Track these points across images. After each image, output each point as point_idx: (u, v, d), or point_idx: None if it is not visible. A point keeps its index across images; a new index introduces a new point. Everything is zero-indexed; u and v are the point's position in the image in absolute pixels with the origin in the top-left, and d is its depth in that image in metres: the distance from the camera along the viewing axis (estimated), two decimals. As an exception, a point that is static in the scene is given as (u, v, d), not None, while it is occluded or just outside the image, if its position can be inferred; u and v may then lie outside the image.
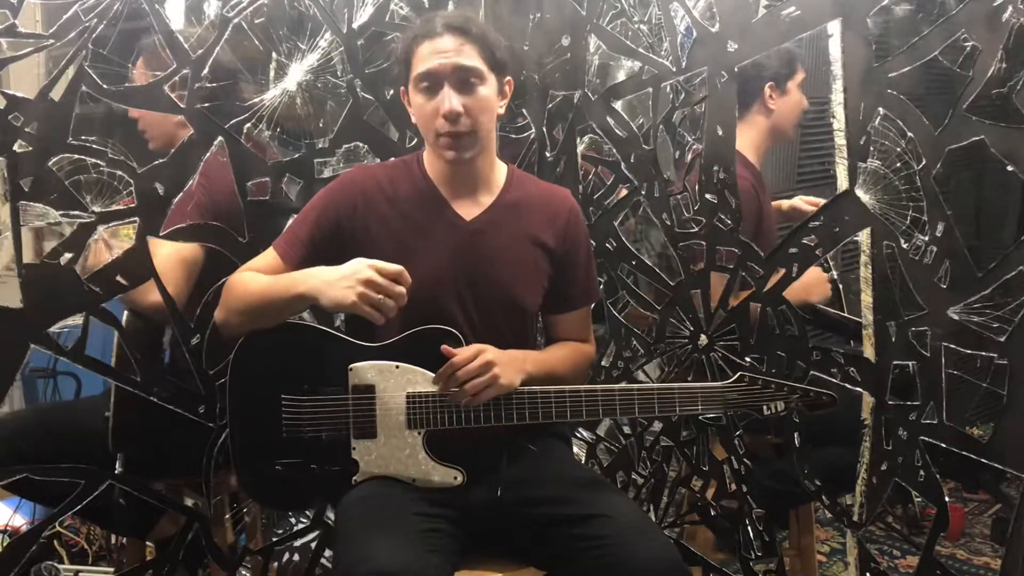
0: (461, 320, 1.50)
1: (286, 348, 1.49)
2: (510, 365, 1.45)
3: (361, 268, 1.36)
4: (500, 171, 1.60)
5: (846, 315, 1.78)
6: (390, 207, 1.53)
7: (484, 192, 1.57)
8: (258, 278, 1.50)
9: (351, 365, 1.46)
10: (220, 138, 1.68)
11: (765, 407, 1.48)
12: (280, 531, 1.99)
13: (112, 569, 2.33)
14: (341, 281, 1.37)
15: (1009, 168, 1.36)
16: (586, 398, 1.46)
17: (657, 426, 1.93)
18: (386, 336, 1.49)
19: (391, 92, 1.82)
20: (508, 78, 1.54)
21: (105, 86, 1.57)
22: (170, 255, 1.67)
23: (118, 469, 1.73)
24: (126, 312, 1.72)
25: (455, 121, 1.45)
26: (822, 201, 1.65)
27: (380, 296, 1.35)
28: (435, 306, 1.49)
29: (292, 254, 1.52)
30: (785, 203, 2.05)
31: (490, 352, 1.43)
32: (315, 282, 1.40)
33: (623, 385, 1.47)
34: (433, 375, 1.45)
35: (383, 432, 1.47)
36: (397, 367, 1.46)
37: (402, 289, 1.37)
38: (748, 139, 1.97)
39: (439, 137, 1.47)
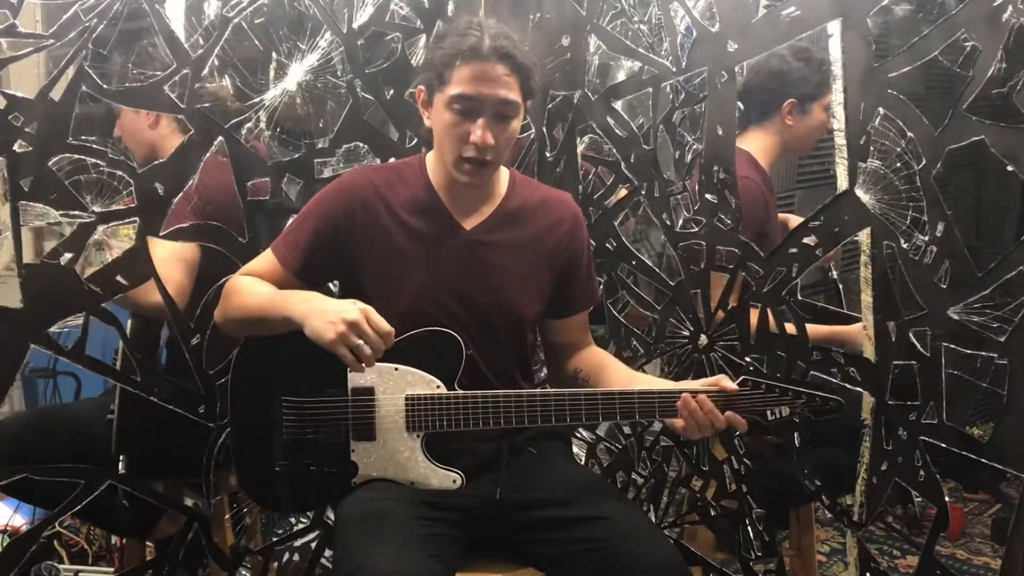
0: (459, 328, 1.49)
1: (287, 350, 1.49)
2: None
3: (352, 309, 1.34)
4: (502, 177, 1.58)
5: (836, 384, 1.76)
6: (389, 213, 1.52)
7: (486, 200, 1.56)
8: (259, 289, 1.50)
9: None
10: (220, 138, 1.68)
11: (769, 412, 1.45)
12: (280, 531, 1.99)
13: (112, 569, 2.34)
14: (328, 315, 1.35)
15: (1009, 168, 1.36)
16: (585, 402, 1.44)
17: (657, 426, 1.93)
18: None
19: (391, 92, 1.82)
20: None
21: (105, 86, 1.57)
22: (168, 255, 1.67)
23: (121, 470, 1.73)
24: (130, 320, 1.72)
25: (484, 152, 1.43)
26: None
27: (359, 341, 1.33)
28: (434, 314, 1.49)
29: (292, 260, 1.52)
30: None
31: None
32: (305, 308, 1.39)
33: (623, 388, 1.46)
34: (432, 377, 1.45)
35: (382, 434, 1.47)
36: (396, 369, 1.46)
37: (382, 344, 1.35)
38: (760, 145, 1.96)
39: (462, 160, 1.45)
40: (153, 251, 1.65)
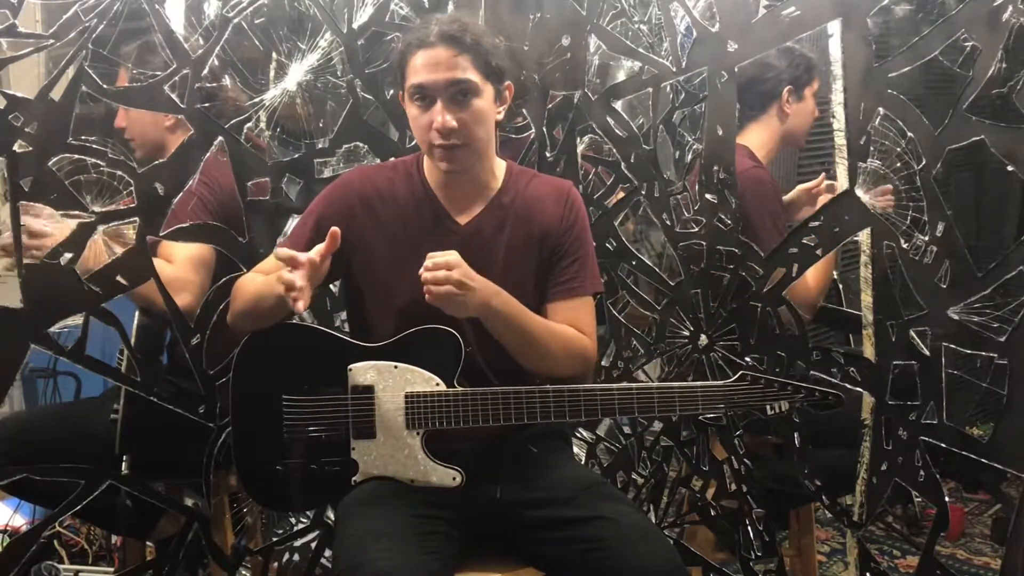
0: (458, 325, 1.48)
1: (287, 349, 1.49)
2: (480, 283, 1.40)
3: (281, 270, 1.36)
4: (499, 171, 1.58)
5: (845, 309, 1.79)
6: (387, 212, 1.53)
7: (480, 195, 1.56)
8: (255, 278, 1.51)
9: (350, 366, 1.47)
10: (220, 138, 1.68)
11: (768, 407, 1.45)
12: (280, 531, 1.99)
13: (112, 569, 2.34)
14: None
15: (1009, 168, 1.37)
16: (584, 398, 1.45)
17: (657, 426, 1.93)
18: (385, 336, 1.49)
19: (391, 92, 1.82)
20: (508, 83, 1.52)
21: (105, 86, 1.57)
22: (187, 259, 1.67)
23: (124, 471, 1.73)
24: (137, 315, 1.72)
25: (448, 136, 1.44)
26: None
27: (288, 277, 1.32)
28: (432, 312, 1.48)
29: None
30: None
31: (462, 262, 1.39)
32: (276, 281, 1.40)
33: (622, 385, 1.46)
34: (431, 375, 1.45)
35: (382, 432, 1.47)
36: (395, 367, 1.46)
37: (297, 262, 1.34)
38: (759, 139, 1.97)
39: (433, 148, 1.47)
40: (173, 253, 1.66)
